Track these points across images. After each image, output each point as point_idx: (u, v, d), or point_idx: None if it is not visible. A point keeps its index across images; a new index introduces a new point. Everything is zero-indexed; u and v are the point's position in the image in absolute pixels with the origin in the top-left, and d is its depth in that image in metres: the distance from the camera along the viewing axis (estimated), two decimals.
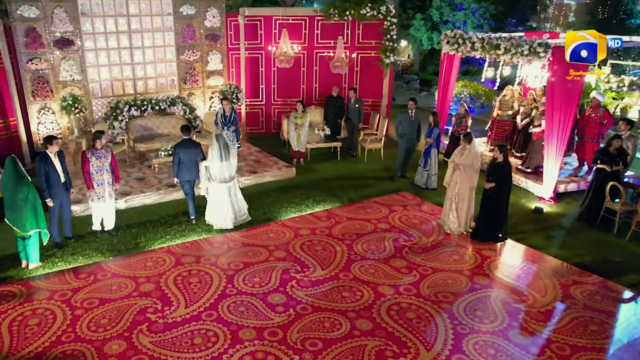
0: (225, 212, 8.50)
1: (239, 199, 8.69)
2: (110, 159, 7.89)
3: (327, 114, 12.54)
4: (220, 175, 8.33)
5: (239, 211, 8.68)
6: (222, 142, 8.30)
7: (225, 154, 8.28)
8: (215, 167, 8.28)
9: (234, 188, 8.61)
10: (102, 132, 7.76)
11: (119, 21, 11.71)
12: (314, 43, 13.45)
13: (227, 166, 8.39)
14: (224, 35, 12.95)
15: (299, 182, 10.67)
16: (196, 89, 12.98)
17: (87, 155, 7.66)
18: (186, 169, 8.37)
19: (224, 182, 8.35)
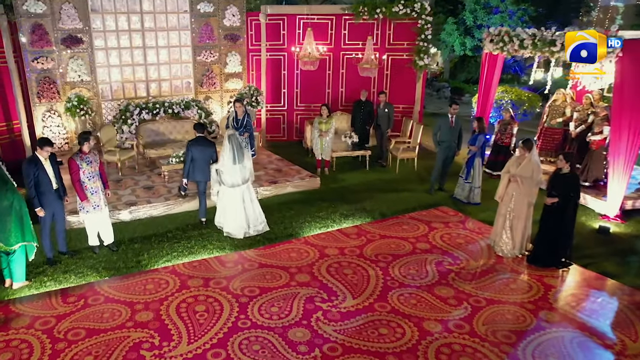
0: (238, 218, 7.61)
1: (255, 205, 7.79)
2: (98, 162, 6.94)
3: (354, 120, 11.46)
4: (233, 179, 7.52)
5: (255, 219, 7.75)
6: (235, 143, 7.47)
7: (238, 156, 7.44)
8: (227, 170, 7.47)
9: (249, 192, 7.74)
10: (88, 133, 6.83)
11: (132, 19, 10.87)
12: (341, 44, 12.42)
13: (241, 169, 7.51)
14: (244, 35, 12.02)
15: (324, 193, 9.55)
16: (213, 92, 12.03)
17: (75, 161, 6.69)
18: (199, 169, 7.77)
19: (236, 186, 7.51)
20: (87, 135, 6.76)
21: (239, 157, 7.48)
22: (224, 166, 7.51)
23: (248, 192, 7.77)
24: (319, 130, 10.27)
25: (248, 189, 7.78)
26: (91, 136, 6.79)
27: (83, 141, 6.72)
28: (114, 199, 8.61)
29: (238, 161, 7.47)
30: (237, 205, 7.65)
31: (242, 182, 7.63)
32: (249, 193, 7.78)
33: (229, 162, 7.45)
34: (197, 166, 7.76)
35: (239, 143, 7.66)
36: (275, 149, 11.95)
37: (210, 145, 7.79)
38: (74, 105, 9.69)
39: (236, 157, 7.46)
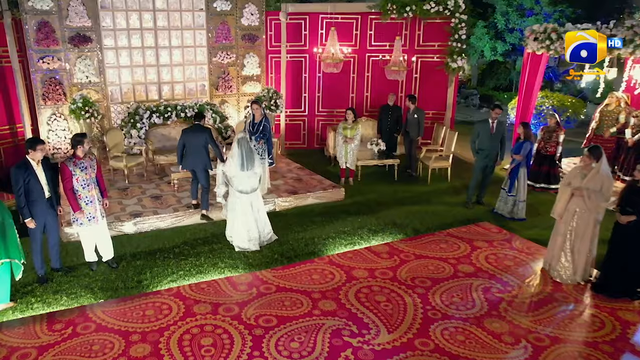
0: (249, 230, 6.94)
1: (261, 215, 7.13)
2: (95, 168, 6.13)
3: (381, 126, 10.54)
4: (241, 185, 6.85)
5: (263, 230, 7.07)
6: (245, 147, 6.75)
7: (248, 162, 6.74)
8: (235, 175, 6.80)
9: (257, 201, 7.06)
10: (83, 135, 6.04)
11: (144, 17, 10.15)
12: (367, 45, 11.55)
13: (250, 176, 6.82)
14: (262, 35, 11.23)
15: (349, 206, 8.62)
16: (229, 96, 11.24)
17: (67, 167, 5.91)
18: (192, 155, 7.54)
19: (244, 193, 6.83)
20: (81, 137, 5.97)
21: (248, 162, 6.73)
22: (230, 171, 6.79)
23: (257, 201, 7.03)
24: (343, 136, 9.37)
25: (257, 198, 7.04)
26: (86, 139, 5.99)
27: (76, 144, 5.94)
28: (118, 209, 7.81)
29: (247, 167, 6.72)
30: (248, 217, 6.92)
31: (251, 190, 6.86)
32: (257, 202, 7.04)
33: (236, 168, 6.72)
34: (190, 152, 7.50)
35: (249, 147, 6.88)
36: (294, 157, 11.08)
37: (203, 130, 7.50)
38: (78, 107, 8.96)
39: (245, 162, 6.71)
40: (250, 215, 6.99)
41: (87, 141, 6.03)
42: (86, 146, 6.00)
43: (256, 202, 7.09)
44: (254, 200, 7.05)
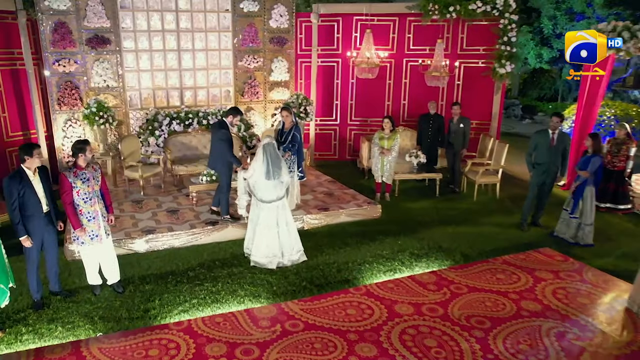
0: (270, 244, 6.21)
1: (291, 229, 6.37)
2: (100, 179, 5.35)
3: (421, 137, 9.56)
4: (265, 194, 6.17)
5: (290, 247, 6.31)
6: (271, 153, 6.08)
7: (274, 170, 6.06)
8: (259, 183, 6.14)
9: (284, 214, 6.29)
10: (85, 142, 5.26)
11: (166, 17, 9.50)
12: (405, 49, 10.64)
13: (276, 185, 6.14)
14: (292, 38, 10.46)
15: (387, 225, 7.66)
16: (256, 102, 10.46)
17: (67, 178, 5.15)
18: (212, 153, 7.16)
19: (268, 202, 6.15)
20: (83, 145, 5.20)
21: (274, 171, 6.03)
22: (253, 177, 6.14)
23: (283, 213, 6.22)
24: (379, 147, 8.43)
25: (284, 209, 6.22)
26: (88, 146, 5.23)
27: (77, 152, 5.19)
28: (129, 225, 7.04)
29: (273, 176, 6.05)
30: (270, 228, 6.14)
31: (276, 198, 6.17)
32: (284, 214, 6.22)
33: (260, 176, 6.05)
34: (211, 149, 7.16)
35: (275, 153, 6.13)
36: (325, 169, 10.18)
37: (222, 125, 6.98)
38: (92, 112, 8.27)
39: (271, 170, 6.01)
40: (273, 229, 6.20)
41: (90, 149, 5.26)
42: (89, 154, 5.24)
43: (284, 216, 6.28)
44: (281, 213, 6.25)
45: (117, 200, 8.00)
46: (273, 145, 6.15)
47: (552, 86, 18.24)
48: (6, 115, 8.88)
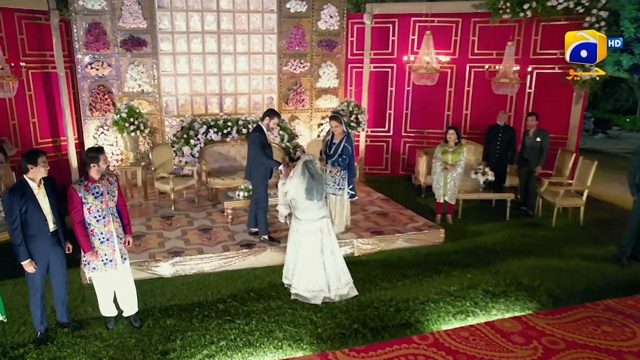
0: (314, 277, 5.24)
1: (337, 258, 5.38)
2: (116, 194, 4.48)
3: (487, 151, 8.36)
4: (305, 213, 5.27)
5: (337, 279, 5.32)
6: (314, 172, 5.20)
7: (317, 190, 5.16)
8: (297, 199, 5.26)
9: (329, 239, 5.33)
10: (99, 150, 4.41)
11: (206, 18, 8.78)
12: (468, 53, 9.48)
13: (319, 207, 5.27)
14: (342, 41, 9.54)
15: (452, 253, 6.51)
16: (301, 111, 9.55)
17: (76, 192, 4.32)
18: (248, 163, 6.25)
19: (311, 221, 5.25)
20: (96, 153, 4.36)
21: (317, 191, 5.17)
22: (291, 193, 5.27)
23: (328, 240, 5.30)
24: (442, 162, 7.30)
25: (329, 234, 5.29)
26: (102, 155, 4.38)
27: (89, 162, 4.35)
28: (155, 244, 6.19)
29: (316, 196, 5.17)
30: (315, 257, 5.24)
31: (319, 217, 5.28)
32: (329, 241, 5.30)
33: (300, 195, 5.17)
34: (247, 161, 6.28)
35: (317, 172, 5.27)
36: (375, 185, 9.10)
37: (256, 128, 6.17)
38: (122, 118, 7.53)
39: (313, 190, 5.13)
40: (318, 257, 5.23)
41: (105, 158, 4.41)
42: (103, 165, 4.39)
43: (329, 242, 5.29)
44: (326, 238, 5.26)
45: (145, 215, 7.21)
46: (313, 163, 5.27)
47: (631, 97, 16.39)
48: (35, 120, 8.31)
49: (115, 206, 4.59)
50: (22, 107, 8.08)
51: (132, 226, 6.65)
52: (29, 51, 8.07)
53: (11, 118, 7.96)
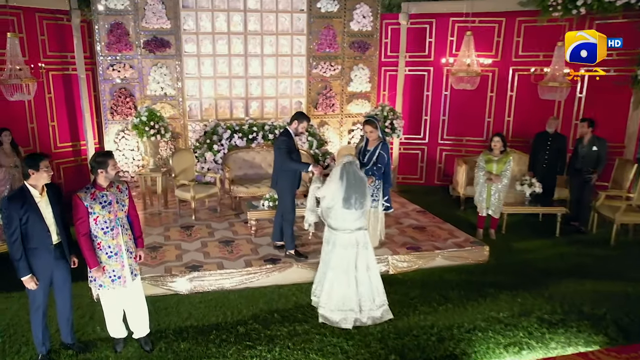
0: (344, 297, 4.71)
1: (372, 276, 4.81)
2: (127, 203, 3.99)
3: (534, 161, 7.64)
4: (340, 222, 4.69)
5: (371, 299, 4.77)
6: (355, 176, 4.61)
7: (355, 198, 4.55)
8: (331, 208, 4.70)
9: (365, 252, 4.75)
10: (107, 154, 3.94)
11: (233, 18, 8.36)
12: (512, 55, 8.79)
13: (359, 217, 4.67)
14: (376, 43, 9.00)
15: (498, 273, 5.84)
16: (331, 116, 9.02)
17: (82, 201, 3.85)
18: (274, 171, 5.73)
19: (346, 232, 4.67)
20: (104, 158, 3.90)
21: (356, 198, 4.55)
22: (326, 200, 4.72)
23: (364, 254, 4.75)
24: (485, 172, 6.64)
25: (365, 248, 4.75)
26: (111, 159, 3.91)
27: (97, 168, 3.87)
28: (172, 257, 5.71)
29: (355, 205, 4.59)
30: (347, 273, 4.71)
31: (355, 228, 4.69)
32: (365, 255, 4.75)
33: (337, 202, 4.60)
34: (273, 168, 5.76)
35: (359, 177, 4.67)
36: (410, 196, 8.46)
37: (283, 132, 5.66)
38: (142, 121, 7.13)
39: (352, 197, 4.54)
40: (350, 273, 4.68)
41: (114, 163, 3.94)
42: (112, 171, 3.91)
43: (364, 256, 4.74)
44: (361, 252, 4.71)
45: (164, 225, 6.76)
46: (356, 165, 4.71)
47: None
48: (55, 124, 8.00)
49: (126, 217, 4.11)
50: (41, 110, 7.78)
51: (149, 237, 6.32)
52: (50, 52, 7.77)
53: (30, 121, 7.65)
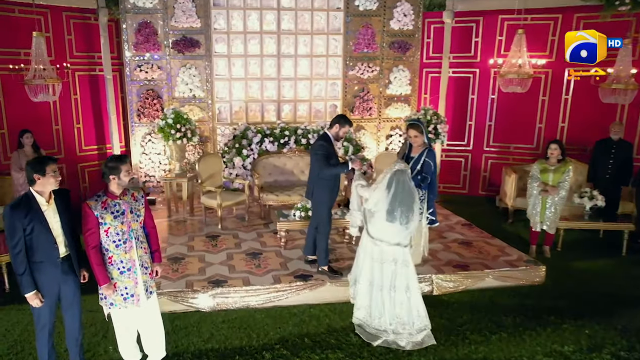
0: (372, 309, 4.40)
1: (412, 297, 4.32)
2: (143, 213, 3.52)
3: (595, 171, 6.90)
4: (380, 233, 4.29)
5: (409, 322, 4.30)
6: (401, 187, 4.14)
7: (401, 211, 4.11)
8: (374, 211, 4.31)
9: (405, 271, 4.30)
10: (120, 159, 3.50)
11: (266, 17, 7.93)
12: (567, 55, 8.02)
13: (401, 231, 4.18)
14: (417, 43, 8.41)
15: (557, 297, 5.14)
16: (368, 120, 8.46)
17: (92, 210, 3.43)
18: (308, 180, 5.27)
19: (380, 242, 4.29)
20: (117, 163, 3.46)
21: (402, 212, 4.10)
22: (369, 203, 4.31)
23: (404, 273, 4.29)
24: (540, 182, 5.95)
25: (404, 266, 4.29)
26: (124, 165, 3.46)
27: (109, 173, 3.43)
28: (195, 270, 5.25)
29: (400, 219, 4.13)
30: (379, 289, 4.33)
31: (396, 243, 4.24)
32: (405, 274, 4.30)
33: (380, 211, 4.19)
34: (309, 176, 5.24)
35: (408, 189, 4.19)
36: (452, 206, 7.80)
37: (321, 137, 5.11)
38: (167, 124, 6.73)
39: (397, 210, 4.09)
40: (384, 290, 4.29)
41: (128, 169, 3.49)
42: (125, 177, 3.46)
43: (404, 276, 4.28)
44: (400, 271, 4.26)
45: (188, 234, 6.33)
46: (408, 175, 4.24)
47: None
48: (80, 126, 7.73)
49: (142, 228, 3.65)
50: (66, 111, 7.51)
51: (172, 246, 5.89)
52: (77, 52, 7.52)
53: (55, 123, 7.39)
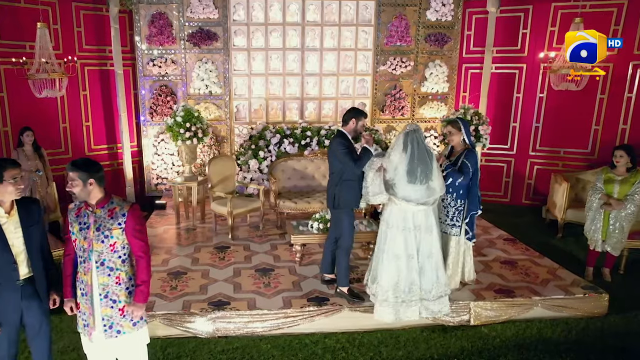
0: (399, 278, 4.08)
1: (434, 262, 4.12)
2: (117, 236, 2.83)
3: None
4: (408, 192, 4.02)
5: (430, 288, 4.11)
6: (416, 146, 3.94)
7: (420, 170, 3.94)
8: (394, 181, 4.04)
9: (429, 238, 4.08)
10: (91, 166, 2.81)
11: (289, 7, 7.30)
12: (634, 47, 7.05)
13: (424, 190, 4.01)
14: (457, 35, 7.63)
15: (623, 334, 4.25)
16: (400, 120, 7.71)
17: (67, 214, 2.90)
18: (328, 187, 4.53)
19: (410, 202, 4.01)
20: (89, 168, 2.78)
21: (421, 170, 3.93)
22: (389, 171, 4.04)
23: (428, 239, 4.07)
24: (603, 194, 5.05)
25: (429, 232, 4.07)
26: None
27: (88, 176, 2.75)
28: (196, 288, 4.61)
29: (420, 179, 3.97)
30: (404, 259, 4.07)
31: (423, 201, 4.03)
32: (429, 240, 4.08)
33: (400, 176, 3.98)
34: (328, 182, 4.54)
35: (423, 147, 3.98)
36: (492, 217, 6.94)
37: (338, 134, 4.41)
38: (176, 122, 6.14)
39: (415, 170, 3.92)
40: (411, 259, 4.06)
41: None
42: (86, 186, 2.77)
43: (428, 242, 4.08)
44: (425, 237, 4.06)
45: (194, 244, 5.71)
46: (420, 133, 4.02)
47: None
48: (90, 124, 7.25)
49: (120, 253, 2.90)
50: (75, 108, 7.04)
51: (175, 258, 5.25)
52: (86, 46, 7.03)
53: (62, 121, 6.92)
